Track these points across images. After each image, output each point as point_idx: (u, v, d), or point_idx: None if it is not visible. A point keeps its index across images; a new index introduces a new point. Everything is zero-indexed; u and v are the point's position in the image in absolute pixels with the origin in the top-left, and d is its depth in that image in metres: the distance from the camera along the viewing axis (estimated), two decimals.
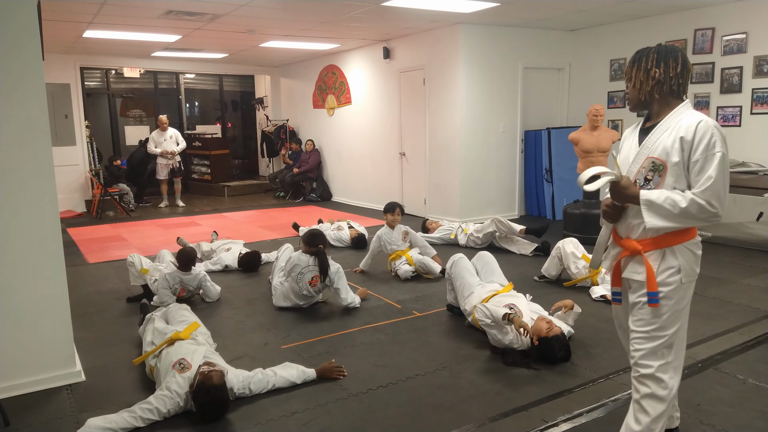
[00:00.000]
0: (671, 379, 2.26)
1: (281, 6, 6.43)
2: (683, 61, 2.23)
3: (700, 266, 2.28)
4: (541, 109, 8.70)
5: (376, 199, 9.85)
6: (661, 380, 2.25)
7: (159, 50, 9.70)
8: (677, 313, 2.24)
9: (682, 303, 2.25)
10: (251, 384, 3.11)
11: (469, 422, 2.85)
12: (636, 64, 2.30)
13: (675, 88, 2.23)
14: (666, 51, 2.25)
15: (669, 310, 2.23)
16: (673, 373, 2.27)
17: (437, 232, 6.89)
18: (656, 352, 2.25)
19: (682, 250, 2.22)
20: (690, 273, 2.24)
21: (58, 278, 3.30)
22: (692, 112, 2.21)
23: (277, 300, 4.66)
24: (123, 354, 3.77)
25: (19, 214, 3.13)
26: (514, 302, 3.74)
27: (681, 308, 2.25)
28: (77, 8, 6.39)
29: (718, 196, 2.10)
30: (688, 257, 2.23)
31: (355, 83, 10.03)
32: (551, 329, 3.44)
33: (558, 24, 8.01)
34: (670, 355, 2.25)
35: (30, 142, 3.13)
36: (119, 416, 2.77)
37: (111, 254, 6.72)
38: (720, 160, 2.11)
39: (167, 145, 10.26)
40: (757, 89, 6.57)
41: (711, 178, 2.10)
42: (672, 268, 2.22)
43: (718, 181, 2.10)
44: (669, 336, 2.23)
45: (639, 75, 2.28)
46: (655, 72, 2.23)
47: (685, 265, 2.22)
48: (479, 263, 4.36)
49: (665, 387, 2.25)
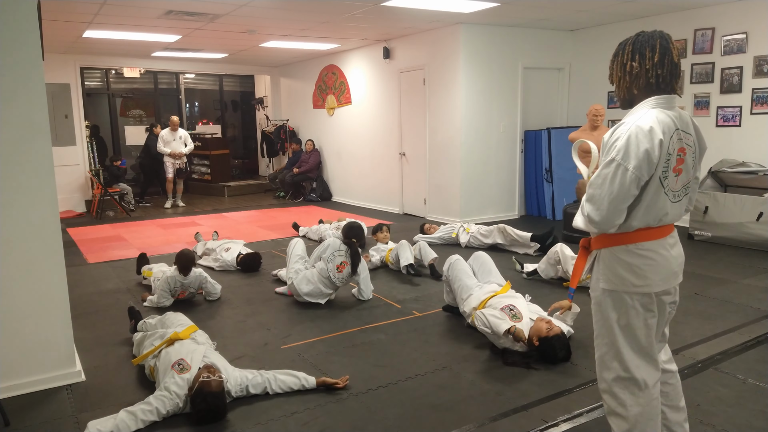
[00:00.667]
0: (631, 400, 2.11)
1: (281, 6, 6.44)
2: (662, 49, 2.02)
3: (639, 276, 2.07)
4: (541, 109, 8.70)
5: (376, 199, 9.85)
6: (617, 396, 2.14)
7: (159, 50, 9.70)
8: (608, 322, 2.12)
9: (611, 312, 2.12)
10: (249, 386, 3.10)
11: (469, 422, 2.85)
12: (614, 58, 2.13)
13: (653, 80, 2.03)
14: (643, 40, 2.05)
15: (599, 316, 2.16)
16: (636, 392, 2.11)
17: (438, 232, 6.88)
18: (603, 362, 2.17)
19: (606, 254, 2.12)
20: (612, 279, 2.10)
21: (58, 278, 3.30)
22: (640, 113, 2.02)
23: (299, 283, 4.63)
24: (123, 354, 3.77)
25: (19, 214, 3.13)
26: (513, 303, 3.73)
27: (612, 318, 2.11)
28: (77, 8, 6.39)
29: (593, 203, 2.00)
30: (611, 262, 2.10)
31: (355, 83, 10.03)
32: (551, 329, 3.45)
33: (558, 24, 8.01)
34: (622, 368, 2.11)
35: (30, 142, 3.13)
36: (119, 418, 2.77)
37: (111, 254, 6.72)
38: (606, 165, 1.99)
39: (176, 145, 10.26)
40: (757, 89, 6.57)
41: (590, 183, 2.03)
42: (596, 272, 2.16)
43: (593, 185, 2.01)
44: (607, 346, 2.13)
45: (617, 70, 2.12)
46: (631, 65, 2.05)
47: (605, 270, 2.11)
48: (476, 264, 4.36)
49: (623, 405, 2.12)
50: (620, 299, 2.10)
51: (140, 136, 12.20)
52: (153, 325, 3.75)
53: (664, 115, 2.01)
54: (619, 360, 2.12)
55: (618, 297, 2.10)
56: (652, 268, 2.06)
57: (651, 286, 2.07)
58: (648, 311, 2.10)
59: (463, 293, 4.11)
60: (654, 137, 1.95)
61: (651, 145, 1.94)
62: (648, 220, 2.05)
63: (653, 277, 2.07)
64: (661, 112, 2.01)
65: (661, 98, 2.04)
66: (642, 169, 1.95)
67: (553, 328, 3.47)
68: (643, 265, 2.06)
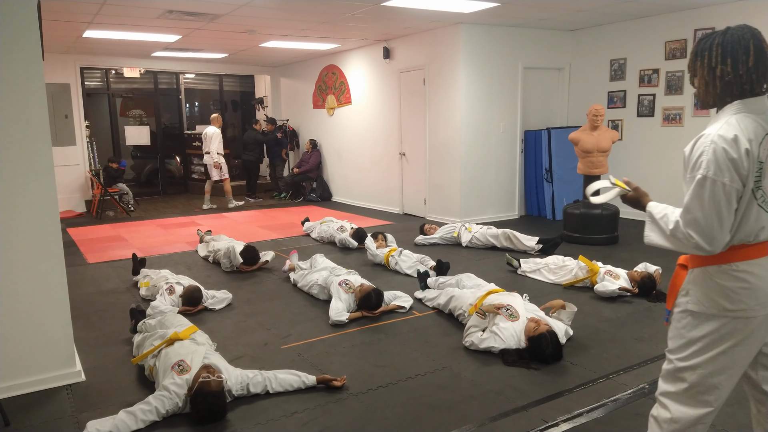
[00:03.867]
0: (679, 412, 1.98)
1: (281, 6, 6.44)
2: (756, 50, 1.80)
3: (733, 300, 1.86)
4: (541, 109, 8.70)
5: (376, 199, 9.85)
6: (666, 406, 2.02)
7: (159, 50, 9.70)
8: (686, 340, 1.95)
9: (691, 333, 1.93)
10: (250, 385, 3.11)
11: (469, 422, 2.85)
12: (699, 60, 1.89)
13: (748, 87, 1.83)
14: (733, 41, 1.82)
15: (676, 334, 1.99)
16: (683, 407, 1.97)
17: (439, 232, 6.88)
18: (668, 375, 2.02)
19: (698, 274, 1.92)
20: (702, 302, 1.90)
21: (58, 278, 3.29)
22: (722, 121, 1.85)
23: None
24: (123, 354, 3.77)
25: (19, 214, 3.13)
26: (510, 302, 3.76)
27: (691, 338, 1.93)
28: (77, 8, 6.39)
29: (697, 228, 1.80)
30: (703, 284, 1.90)
31: (355, 83, 10.03)
32: (538, 328, 3.48)
33: (558, 24, 8.01)
34: (682, 388, 1.97)
35: (30, 143, 3.13)
36: (118, 418, 2.77)
37: (111, 254, 6.72)
38: (699, 184, 1.79)
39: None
40: None
41: (686, 206, 1.84)
42: (684, 290, 1.97)
43: (692, 209, 1.81)
44: (675, 362, 1.98)
45: (704, 73, 1.88)
46: (722, 70, 1.83)
47: (696, 291, 1.92)
48: (466, 280, 4.55)
49: (668, 413, 2.00)
50: (705, 322, 1.91)
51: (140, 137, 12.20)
52: (153, 326, 3.75)
53: (750, 120, 1.83)
54: (689, 385, 1.96)
55: (703, 319, 1.91)
56: (748, 292, 1.86)
57: (746, 311, 1.86)
58: (732, 339, 1.89)
59: (461, 304, 4.18)
60: (740, 147, 1.78)
61: (738, 155, 1.77)
62: (742, 236, 1.86)
63: (749, 302, 1.86)
64: (745, 117, 1.83)
65: (748, 101, 1.85)
66: (736, 181, 1.78)
67: (540, 326, 3.49)
68: (738, 289, 1.86)
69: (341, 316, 4.24)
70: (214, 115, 10.63)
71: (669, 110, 7.47)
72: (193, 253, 6.67)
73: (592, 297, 4.72)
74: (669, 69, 7.39)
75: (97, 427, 2.71)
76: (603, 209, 6.51)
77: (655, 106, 7.62)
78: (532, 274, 5.30)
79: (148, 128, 12.38)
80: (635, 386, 3.17)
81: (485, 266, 5.75)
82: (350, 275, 4.73)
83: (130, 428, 2.77)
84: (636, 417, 2.84)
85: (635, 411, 2.91)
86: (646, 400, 3.01)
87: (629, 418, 2.85)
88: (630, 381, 3.24)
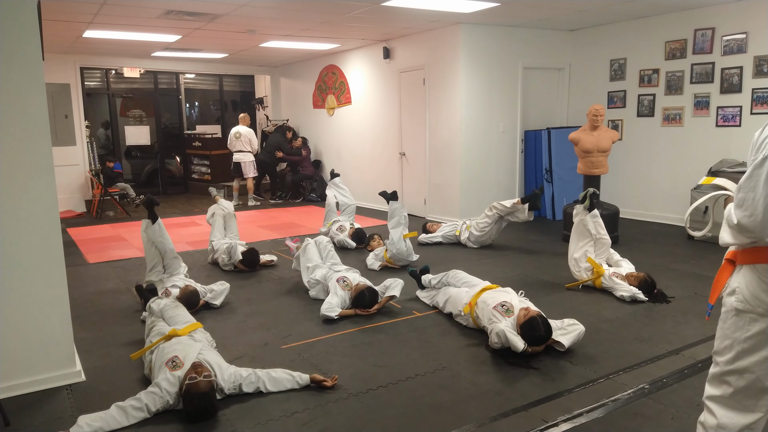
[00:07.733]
0: (726, 418, 1.90)
1: (281, 6, 6.44)
2: None
3: None
4: (541, 109, 8.70)
5: (376, 199, 9.84)
6: (712, 412, 1.95)
7: (159, 50, 9.70)
8: (732, 341, 1.89)
9: (737, 334, 1.87)
10: (243, 385, 3.11)
11: (469, 422, 2.84)
12: None
13: None
14: None
15: (721, 334, 1.93)
16: (731, 414, 1.90)
17: (440, 231, 6.89)
18: (714, 379, 1.96)
19: (745, 271, 1.86)
20: (749, 299, 1.83)
21: (58, 278, 3.29)
22: None
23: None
24: (123, 354, 3.77)
25: (19, 214, 3.13)
26: (506, 299, 3.80)
27: (737, 339, 1.87)
28: (77, 8, 6.39)
29: (743, 204, 1.72)
30: (750, 281, 1.83)
31: (355, 83, 10.03)
32: (527, 314, 3.57)
33: (558, 24, 8.01)
34: (728, 392, 1.90)
35: (30, 142, 3.12)
36: (109, 414, 2.79)
37: (111, 254, 6.72)
38: (759, 164, 1.69)
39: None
40: (757, 89, 6.57)
41: (739, 185, 1.74)
42: (730, 287, 1.90)
43: (744, 188, 1.72)
44: (721, 365, 1.93)
45: None
46: None
47: (743, 288, 1.84)
48: (453, 279, 4.54)
49: (715, 419, 1.93)
50: (753, 322, 1.84)
51: (140, 137, 12.19)
52: (158, 313, 3.78)
53: None
54: (734, 387, 1.92)
55: (751, 319, 1.84)
56: None
57: None
58: None
59: (458, 303, 4.19)
60: None
61: None
62: None
63: None
64: None
65: None
66: None
67: (530, 312, 3.59)
68: None
69: (331, 312, 4.27)
70: (242, 115, 10.84)
71: (669, 110, 7.47)
72: (194, 253, 6.67)
73: (592, 297, 4.72)
74: (669, 69, 7.39)
75: (88, 422, 2.73)
76: (603, 209, 6.50)
77: (655, 106, 7.62)
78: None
79: (148, 128, 12.38)
80: (635, 386, 3.17)
81: (485, 266, 5.75)
82: (349, 272, 4.75)
83: (121, 424, 2.78)
84: (636, 417, 2.85)
85: (635, 411, 2.91)
86: (646, 400, 3.02)
87: (629, 418, 2.85)
88: (630, 381, 3.24)
